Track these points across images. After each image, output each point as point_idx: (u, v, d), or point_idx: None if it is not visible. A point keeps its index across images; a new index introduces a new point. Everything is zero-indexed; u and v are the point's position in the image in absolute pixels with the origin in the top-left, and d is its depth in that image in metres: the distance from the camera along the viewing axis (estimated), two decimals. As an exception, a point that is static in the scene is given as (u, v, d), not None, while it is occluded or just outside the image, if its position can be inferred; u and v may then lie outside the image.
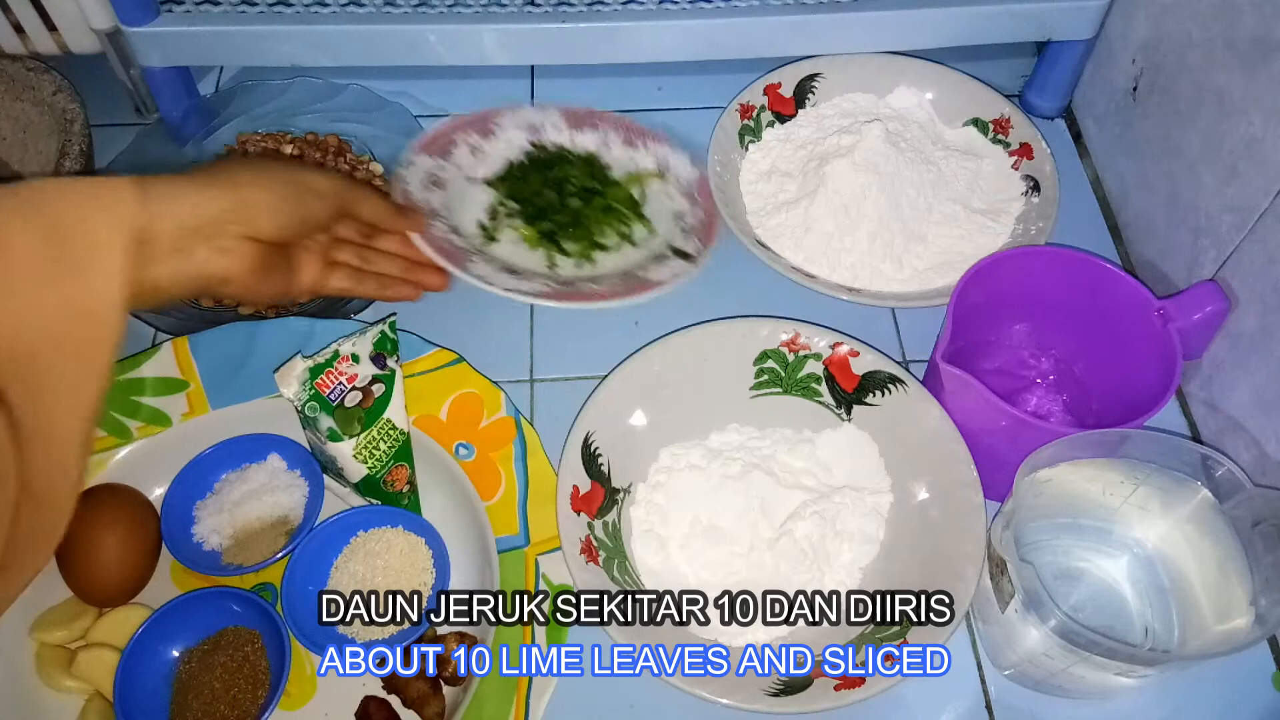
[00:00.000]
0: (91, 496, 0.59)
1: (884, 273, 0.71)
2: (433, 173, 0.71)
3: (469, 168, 0.73)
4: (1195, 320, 0.60)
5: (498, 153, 0.74)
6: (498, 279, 0.64)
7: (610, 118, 0.76)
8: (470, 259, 0.66)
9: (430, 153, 0.72)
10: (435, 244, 0.64)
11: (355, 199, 0.58)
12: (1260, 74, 0.58)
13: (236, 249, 0.51)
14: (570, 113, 0.76)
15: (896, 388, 0.62)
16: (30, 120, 0.73)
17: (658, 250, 0.70)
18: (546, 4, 0.73)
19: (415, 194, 0.68)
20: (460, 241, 0.67)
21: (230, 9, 0.72)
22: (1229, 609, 0.51)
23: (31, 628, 0.57)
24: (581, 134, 0.75)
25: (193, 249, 0.49)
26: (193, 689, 0.55)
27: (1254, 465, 0.60)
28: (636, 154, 0.75)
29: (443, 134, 0.73)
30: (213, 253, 0.50)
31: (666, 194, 0.74)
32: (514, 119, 0.75)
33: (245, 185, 0.51)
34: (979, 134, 0.78)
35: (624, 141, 0.75)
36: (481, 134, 0.74)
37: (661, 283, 0.65)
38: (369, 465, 0.58)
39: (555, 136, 0.75)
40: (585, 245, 0.70)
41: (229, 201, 0.50)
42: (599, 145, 0.75)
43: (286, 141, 0.76)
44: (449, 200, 0.70)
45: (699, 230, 0.71)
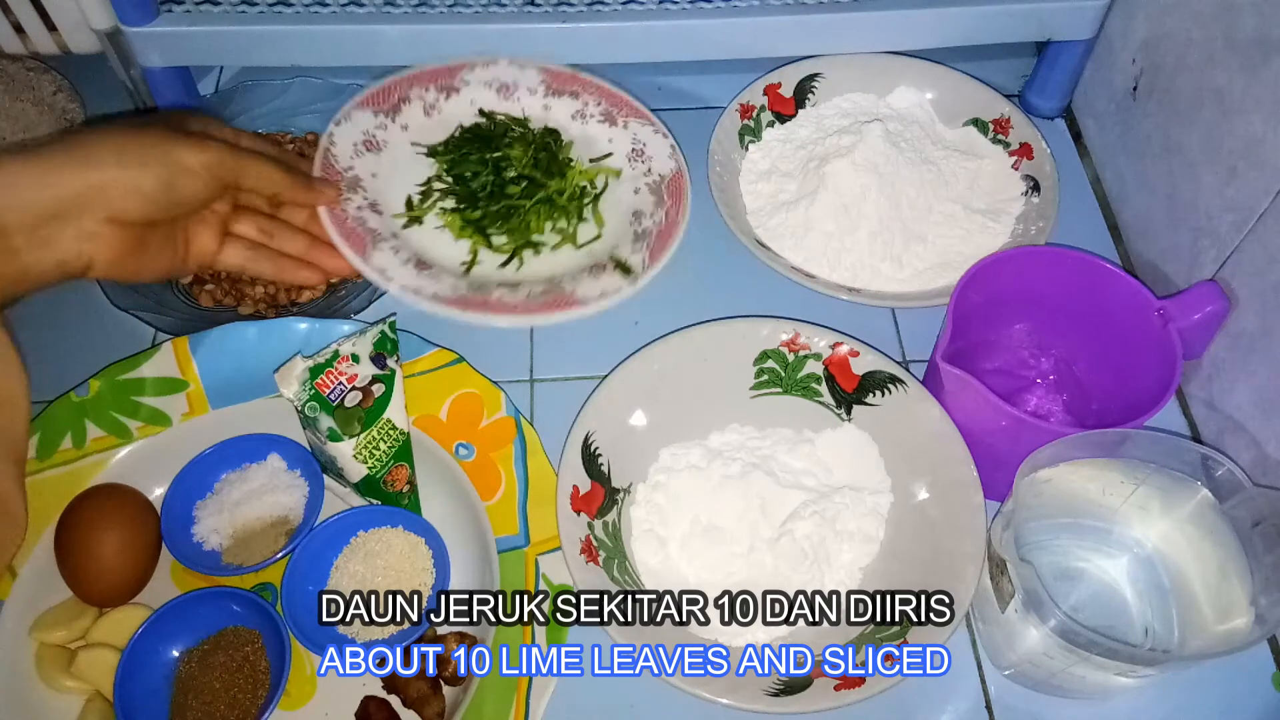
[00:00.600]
0: (91, 496, 0.59)
1: (884, 273, 0.71)
2: (370, 133, 0.63)
3: (417, 130, 0.65)
4: (1195, 320, 0.60)
5: (457, 115, 0.66)
6: (399, 274, 0.57)
7: (595, 86, 0.67)
8: (377, 245, 0.58)
9: (374, 107, 0.64)
10: (340, 224, 0.57)
11: (238, 170, 0.52)
12: (1260, 74, 0.58)
13: (100, 233, 0.47)
14: (551, 74, 0.67)
15: (896, 388, 0.62)
16: (30, 120, 0.73)
17: (597, 257, 0.62)
18: (546, 4, 0.73)
19: (340, 159, 0.61)
20: (374, 222, 0.60)
21: (230, 9, 0.72)
22: (1229, 609, 0.51)
23: (31, 628, 0.57)
24: (559, 100, 0.67)
25: (52, 236, 0.46)
26: (193, 689, 0.55)
27: (1254, 465, 0.60)
28: (613, 133, 0.66)
29: (395, 86, 0.65)
30: (75, 239, 0.46)
31: (631, 183, 0.66)
32: (484, 75, 0.66)
33: (101, 164, 0.47)
34: (979, 134, 0.78)
35: (602, 115, 0.67)
36: (442, 90, 0.66)
37: (585, 302, 0.58)
38: (369, 465, 0.58)
39: (528, 101, 0.66)
40: (516, 239, 0.62)
41: (81, 184, 0.46)
42: (572, 117, 0.67)
43: (286, 141, 0.76)
44: (381, 167, 0.62)
45: (653, 239, 0.62)
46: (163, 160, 0.49)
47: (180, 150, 0.49)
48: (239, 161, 0.52)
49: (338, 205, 0.57)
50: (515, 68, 0.66)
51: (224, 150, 0.51)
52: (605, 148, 0.66)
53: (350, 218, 0.58)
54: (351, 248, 0.56)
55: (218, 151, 0.51)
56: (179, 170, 0.49)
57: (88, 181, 0.46)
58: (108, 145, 0.47)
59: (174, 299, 0.70)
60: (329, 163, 0.60)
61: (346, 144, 0.62)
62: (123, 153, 0.47)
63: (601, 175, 0.65)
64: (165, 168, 0.48)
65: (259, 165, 0.53)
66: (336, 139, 0.61)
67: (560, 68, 0.66)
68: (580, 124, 0.66)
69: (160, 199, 0.48)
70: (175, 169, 0.49)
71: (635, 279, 0.59)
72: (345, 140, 0.62)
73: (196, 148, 0.50)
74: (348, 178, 0.60)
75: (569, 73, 0.66)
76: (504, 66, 0.66)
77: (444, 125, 0.65)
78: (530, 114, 0.66)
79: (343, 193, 0.59)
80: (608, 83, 0.66)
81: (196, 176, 0.50)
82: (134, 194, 0.47)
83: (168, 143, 0.49)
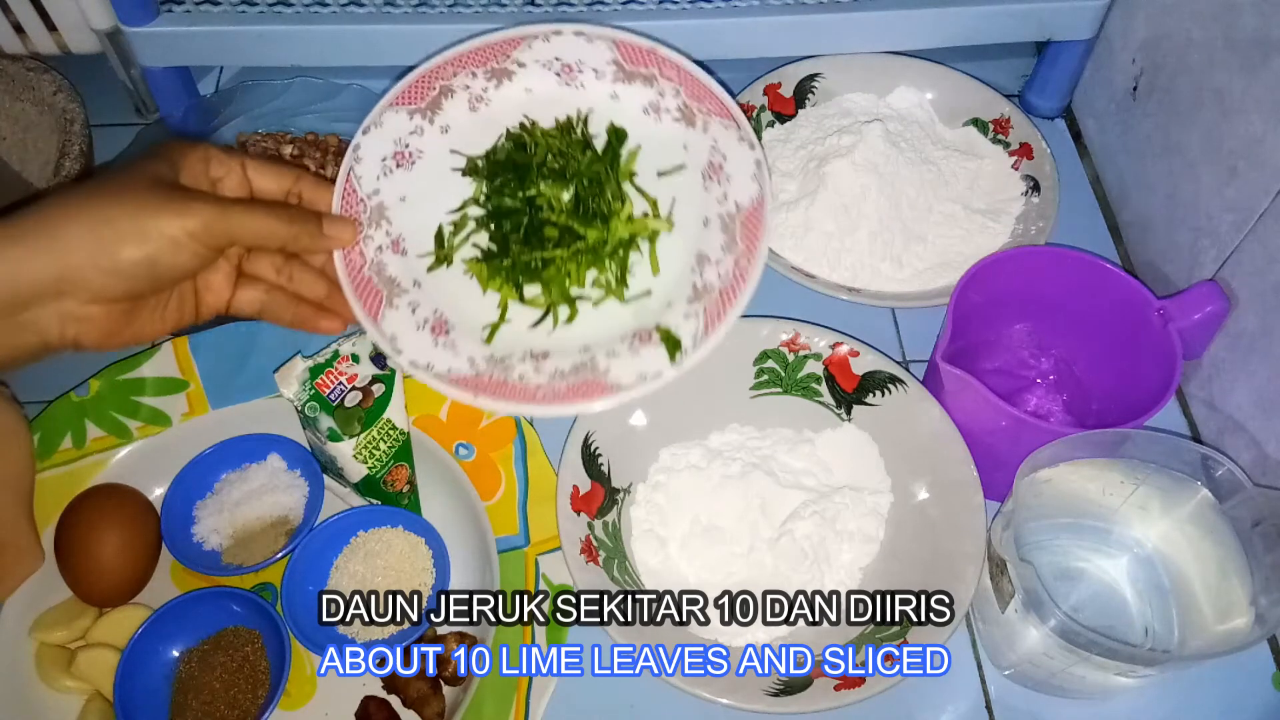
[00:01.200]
0: (91, 496, 0.59)
1: (884, 273, 0.71)
2: (403, 141, 0.53)
3: (460, 132, 0.54)
4: (1195, 320, 0.60)
5: (508, 109, 0.54)
6: (410, 343, 0.49)
7: (675, 69, 0.53)
8: (394, 300, 0.50)
9: (410, 105, 0.54)
10: (355, 273, 0.50)
11: (231, 232, 0.45)
12: (1260, 74, 0.58)
13: (84, 314, 0.43)
14: (625, 49, 0.54)
15: (896, 388, 0.62)
16: (30, 120, 0.73)
17: (644, 319, 0.50)
18: (546, 4, 0.73)
19: (365, 181, 0.52)
20: (395, 268, 0.51)
21: (230, 9, 0.72)
22: (1229, 609, 0.51)
23: (31, 628, 0.57)
24: (629, 88, 0.54)
25: (30, 320, 0.42)
26: (193, 689, 0.55)
27: (1254, 465, 0.60)
28: (689, 135, 0.53)
29: (435, 74, 0.54)
30: (56, 320, 0.43)
31: (701, 208, 0.52)
32: (543, 52, 0.54)
33: (73, 247, 0.42)
34: (979, 134, 0.78)
35: (679, 111, 0.53)
36: (492, 75, 0.54)
37: (618, 388, 0.48)
38: (369, 465, 0.58)
39: (593, 88, 0.54)
40: (550, 294, 0.51)
41: (55, 269, 0.42)
42: (644, 111, 0.54)
43: (286, 141, 0.76)
44: (413, 188, 0.53)
45: (713, 299, 0.49)
46: (140, 236, 0.43)
47: (162, 220, 0.43)
48: (231, 221, 0.45)
49: (355, 244, 0.50)
50: (582, 40, 0.54)
51: (212, 212, 0.45)
52: (678, 156, 0.53)
53: (367, 263, 0.51)
54: (364, 304, 0.50)
55: (205, 214, 0.44)
56: (161, 245, 0.43)
57: (62, 266, 0.42)
58: (81, 221, 0.42)
59: (174, 299, 0.70)
60: (351, 188, 0.52)
61: (374, 160, 0.53)
62: (97, 231, 0.42)
63: (652, 227, 0.52)
64: (144, 244, 0.43)
65: (257, 219, 0.46)
66: (363, 153, 0.52)
67: (637, 40, 0.54)
68: (652, 121, 0.54)
69: (142, 276, 0.44)
70: (157, 244, 0.43)
71: (682, 360, 0.48)
72: (373, 155, 0.53)
73: (180, 213, 0.44)
74: (371, 206, 0.52)
75: (647, 48, 0.54)
76: (569, 39, 0.54)
77: (492, 124, 0.54)
78: (594, 106, 0.54)
79: (362, 229, 0.51)
80: (691, 65, 0.54)
81: (182, 248, 0.44)
82: (113, 275, 0.43)
83: (147, 212, 0.43)
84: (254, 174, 0.49)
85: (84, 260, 0.42)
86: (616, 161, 0.53)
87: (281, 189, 0.50)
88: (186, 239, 0.44)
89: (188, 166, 0.47)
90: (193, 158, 0.47)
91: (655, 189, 0.53)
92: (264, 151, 0.75)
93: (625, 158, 0.53)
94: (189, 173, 0.46)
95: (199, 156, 0.47)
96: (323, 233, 0.49)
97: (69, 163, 0.68)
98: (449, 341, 0.50)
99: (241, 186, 0.49)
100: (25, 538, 0.57)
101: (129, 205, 0.43)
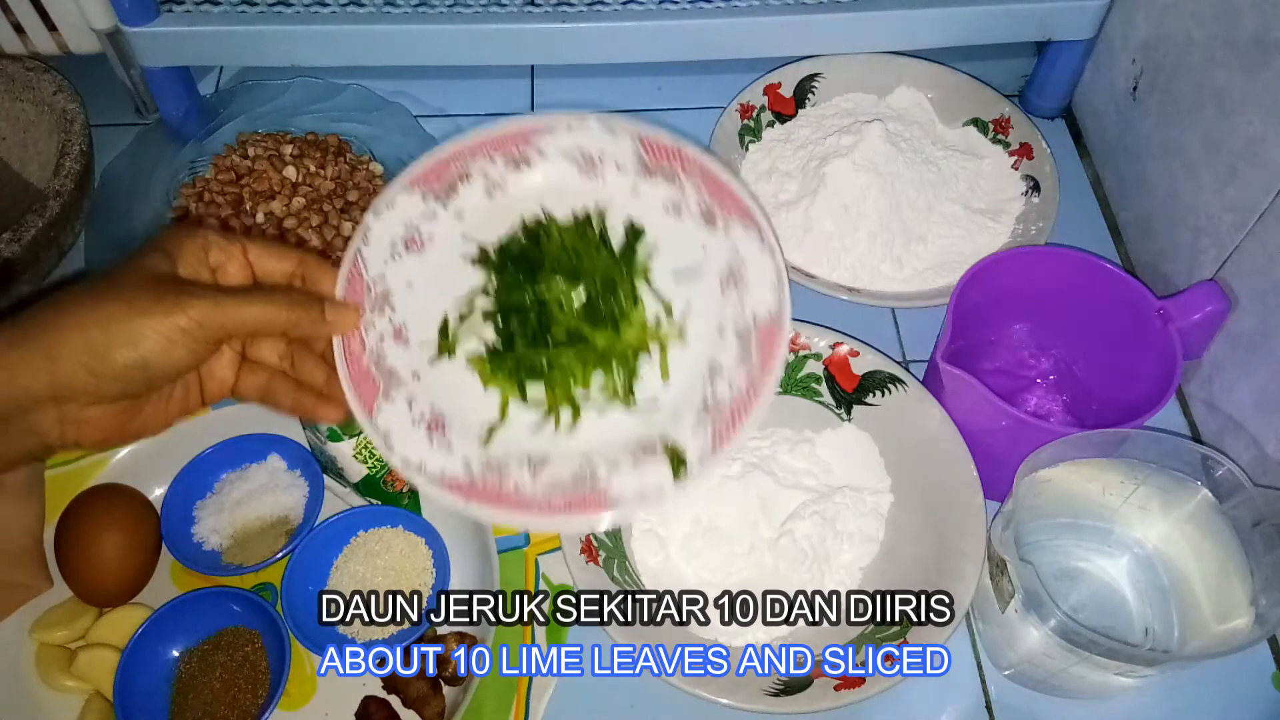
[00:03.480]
0: (91, 496, 0.59)
1: (884, 273, 0.71)
2: (414, 225, 0.51)
3: (474, 217, 0.52)
4: (1195, 320, 0.60)
5: (525, 196, 0.52)
6: (404, 441, 0.47)
7: (699, 167, 0.51)
8: (391, 393, 0.48)
9: (425, 188, 0.52)
10: (354, 363, 0.48)
11: (229, 325, 0.44)
12: (1260, 74, 0.58)
13: (82, 417, 0.43)
14: (649, 145, 0.52)
15: (896, 388, 0.62)
16: (30, 120, 0.73)
17: (650, 429, 0.47)
18: (546, 4, 0.73)
19: (372, 264, 0.50)
20: (395, 358, 0.49)
21: (230, 9, 0.72)
22: (1229, 609, 0.51)
23: (31, 628, 0.57)
24: (651, 183, 0.52)
25: (27, 425, 0.42)
26: (193, 689, 0.55)
27: (1254, 465, 0.60)
28: (709, 238, 0.50)
29: (454, 159, 0.52)
30: (55, 423, 0.42)
31: (716, 314, 0.49)
32: (565, 141, 0.52)
33: (64, 356, 0.41)
34: (979, 134, 0.78)
35: (701, 211, 0.51)
36: (512, 162, 0.53)
37: (617, 504, 0.45)
38: (369, 465, 0.58)
39: (614, 182, 0.52)
40: (554, 396, 0.49)
41: (47, 380, 0.41)
42: (665, 209, 0.52)
43: (286, 141, 0.76)
44: (421, 273, 0.51)
45: (723, 416, 0.47)
46: (132, 338, 0.42)
47: (153, 319, 0.42)
48: (225, 314, 0.44)
49: (357, 330, 0.48)
50: (606, 133, 0.52)
51: (206, 305, 0.43)
52: (695, 257, 0.51)
53: (367, 352, 0.48)
54: (359, 397, 0.47)
55: (199, 309, 0.43)
56: (154, 345, 0.42)
57: (55, 373, 0.41)
58: (73, 325, 0.42)
59: (174, 299, 0.70)
60: (357, 272, 0.50)
61: (383, 243, 0.51)
62: (89, 335, 0.41)
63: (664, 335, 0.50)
64: (136, 347, 0.42)
65: (253, 308, 0.45)
66: (372, 236, 0.50)
67: (661, 135, 0.52)
68: (673, 219, 0.52)
69: (137, 379, 0.43)
70: (151, 344, 0.42)
71: (685, 480, 0.46)
72: (382, 238, 0.51)
73: (171, 310, 0.42)
74: (376, 291, 0.50)
75: (671, 145, 0.52)
76: (593, 130, 0.52)
77: (507, 211, 0.52)
78: (613, 199, 0.52)
79: (364, 314, 0.49)
80: (716, 164, 0.51)
81: (176, 345, 0.43)
82: (107, 379, 0.42)
83: (138, 312, 0.42)
84: (256, 257, 0.48)
85: (77, 366, 0.41)
86: (633, 261, 0.51)
87: (285, 271, 0.48)
88: (180, 336, 0.43)
89: (185, 256, 0.45)
90: (191, 246, 0.46)
91: (670, 290, 0.50)
92: (264, 151, 0.75)
93: (641, 255, 0.51)
94: (187, 263, 0.45)
95: (197, 244, 0.46)
96: (324, 318, 0.47)
97: (69, 163, 0.68)
98: (444, 440, 0.48)
99: (243, 271, 0.47)
100: (36, 578, 0.58)
101: (121, 306, 0.42)
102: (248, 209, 0.72)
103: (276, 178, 0.72)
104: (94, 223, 0.71)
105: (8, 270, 0.65)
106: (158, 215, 0.74)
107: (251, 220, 0.71)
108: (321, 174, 0.73)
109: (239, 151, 0.75)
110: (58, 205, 0.66)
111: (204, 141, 0.77)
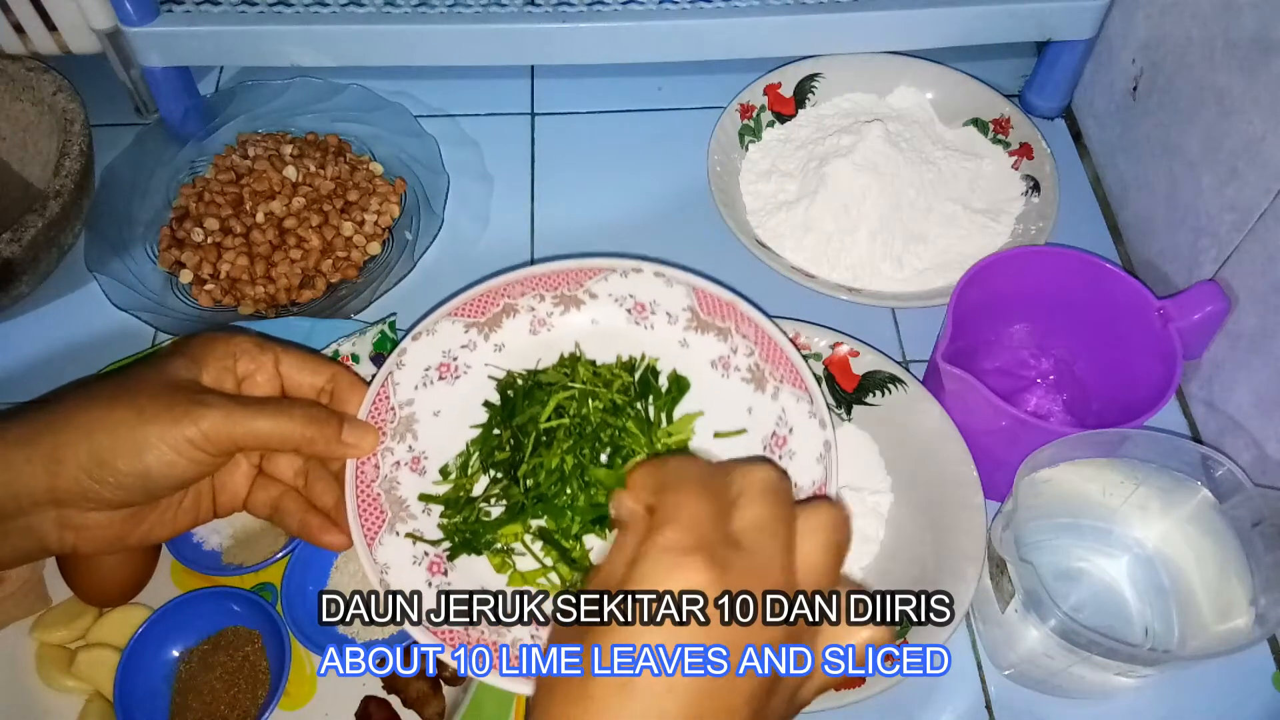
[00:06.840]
0: (91, 496, 0.59)
1: (884, 273, 0.71)
2: (452, 354, 0.50)
3: (515, 352, 0.50)
4: (1195, 320, 0.60)
5: (570, 335, 0.50)
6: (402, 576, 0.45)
7: (753, 325, 0.50)
8: (395, 525, 0.46)
9: (469, 318, 0.50)
10: (364, 488, 0.46)
11: (241, 437, 0.42)
12: (1260, 74, 0.58)
13: (84, 523, 0.42)
14: (705, 299, 0.50)
15: (896, 388, 0.62)
16: (30, 120, 0.73)
17: None
18: (546, 4, 0.73)
19: (401, 389, 0.48)
20: (406, 487, 0.47)
21: (230, 9, 0.72)
22: (1229, 609, 0.51)
23: (31, 628, 0.57)
24: (701, 338, 0.50)
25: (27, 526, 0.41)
26: (193, 689, 0.55)
27: (1254, 465, 0.60)
28: (756, 399, 0.49)
29: (502, 292, 0.50)
30: (55, 526, 0.41)
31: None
32: (620, 287, 0.50)
33: (68, 459, 0.40)
34: (979, 134, 0.78)
35: (749, 372, 0.49)
36: (560, 301, 0.51)
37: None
38: (369, 465, 0.58)
39: (663, 331, 0.51)
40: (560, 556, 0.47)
41: (48, 484, 0.40)
42: (711, 364, 0.50)
43: (286, 141, 0.76)
44: (450, 403, 0.49)
45: None
46: (136, 446, 0.40)
47: (159, 427, 0.41)
48: (235, 427, 0.42)
49: (374, 455, 0.46)
50: (662, 283, 0.50)
51: (216, 417, 0.42)
52: (740, 421, 0.48)
53: (380, 479, 0.46)
54: (363, 525, 0.45)
55: (208, 420, 0.42)
56: (158, 456, 0.41)
57: (55, 476, 0.40)
58: (79, 427, 0.41)
59: (174, 299, 0.70)
60: (385, 394, 0.48)
61: (416, 368, 0.49)
62: (94, 439, 0.40)
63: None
64: (139, 456, 0.41)
65: (267, 423, 0.43)
66: (407, 359, 0.49)
67: (718, 290, 0.50)
68: (719, 376, 0.50)
69: (138, 487, 0.41)
70: (155, 454, 0.41)
71: None
72: (416, 363, 0.49)
73: (179, 420, 0.41)
74: (400, 417, 0.48)
75: (728, 301, 0.50)
76: (648, 278, 0.50)
77: (549, 350, 0.50)
78: (660, 349, 0.50)
79: (383, 440, 0.47)
80: (770, 325, 0.49)
81: (181, 456, 0.41)
82: (109, 487, 0.41)
83: (146, 419, 0.41)
84: (287, 369, 0.46)
85: (77, 471, 0.40)
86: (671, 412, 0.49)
87: (315, 386, 0.47)
88: (186, 447, 0.41)
89: (212, 363, 0.44)
90: (219, 353, 0.45)
91: (710, 451, 0.48)
92: (264, 151, 0.75)
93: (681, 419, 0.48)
94: (212, 370, 0.44)
95: (226, 351, 0.45)
96: (340, 439, 0.45)
97: (69, 163, 0.68)
98: (445, 583, 0.46)
99: (272, 383, 0.46)
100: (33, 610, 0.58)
101: (132, 412, 0.41)
102: (248, 209, 0.72)
103: (276, 178, 0.72)
104: (94, 223, 0.71)
105: (8, 270, 0.65)
106: (158, 215, 0.74)
107: (251, 220, 0.71)
108: (321, 174, 0.73)
109: (239, 151, 0.75)
110: (58, 205, 0.66)
111: (204, 141, 0.77)
